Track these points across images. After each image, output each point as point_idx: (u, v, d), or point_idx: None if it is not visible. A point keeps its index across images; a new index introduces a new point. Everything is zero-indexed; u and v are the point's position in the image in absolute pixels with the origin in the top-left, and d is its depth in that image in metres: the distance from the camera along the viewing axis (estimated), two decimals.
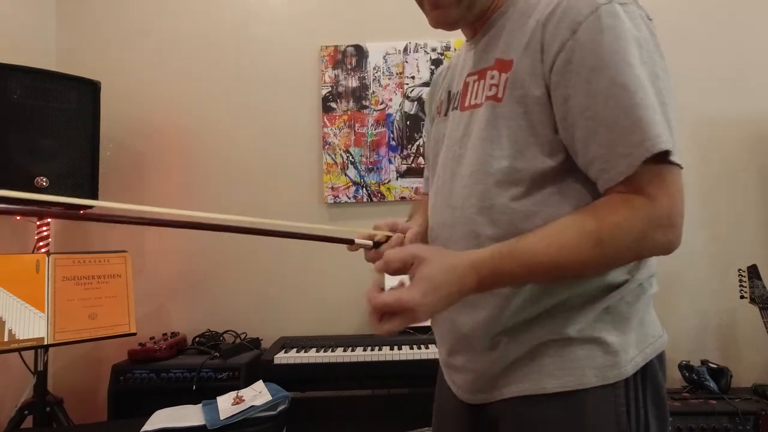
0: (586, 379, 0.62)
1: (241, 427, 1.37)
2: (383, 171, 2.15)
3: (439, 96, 0.87)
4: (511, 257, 0.58)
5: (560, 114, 0.60)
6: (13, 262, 1.59)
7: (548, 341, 0.64)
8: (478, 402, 0.72)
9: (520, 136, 0.64)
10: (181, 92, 2.20)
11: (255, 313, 2.11)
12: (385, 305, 0.57)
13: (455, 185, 0.72)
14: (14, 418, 1.62)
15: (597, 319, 0.64)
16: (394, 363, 1.67)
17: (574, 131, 0.59)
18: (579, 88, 0.58)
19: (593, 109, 0.57)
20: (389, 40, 2.19)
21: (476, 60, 0.73)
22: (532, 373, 0.65)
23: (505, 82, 0.65)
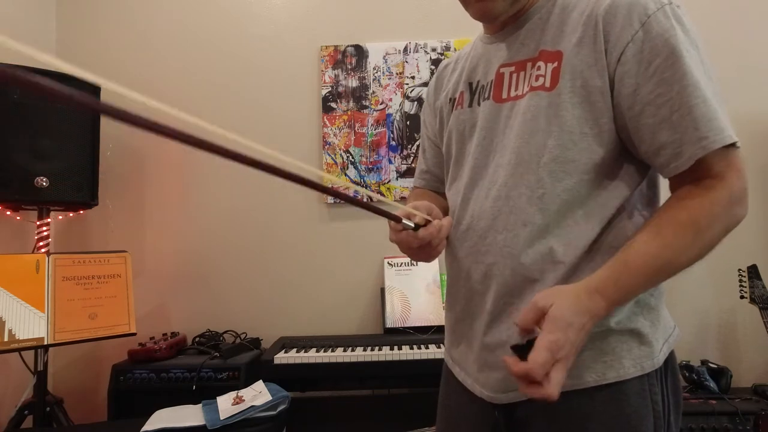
0: (625, 371, 0.64)
1: (241, 427, 1.37)
2: (383, 171, 2.15)
3: (451, 89, 0.85)
4: (628, 269, 0.59)
5: (626, 103, 0.62)
6: (13, 262, 1.59)
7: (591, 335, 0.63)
8: (507, 401, 0.69)
9: (574, 126, 0.64)
10: (181, 92, 2.20)
11: (255, 313, 2.11)
12: (529, 376, 0.54)
13: (498, 176, 0.71)
14: (14, 418, 1.62)
15: (632, 311, 0.66)
16: (394, 363, 1.66)
17: (641, 119, 0.61)
18: (650, 77, 0.60)
19: (666, 96, 0.59)
20: (389, 40, 2.19)
21: (512, 52, 0.73)
22: (571, 368, 0.61)
23: (554, 72, 0.66)
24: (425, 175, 0.98)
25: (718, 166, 0.59)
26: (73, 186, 1.78)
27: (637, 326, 0.65)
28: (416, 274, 2.02)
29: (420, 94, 2.17)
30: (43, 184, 1.69)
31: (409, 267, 2.03)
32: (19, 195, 1.68)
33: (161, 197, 2.17)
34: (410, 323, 1.92)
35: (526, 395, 0.62)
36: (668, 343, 0.69)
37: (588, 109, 0.64)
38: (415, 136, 2.17)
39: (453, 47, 2.17)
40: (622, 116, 0.63)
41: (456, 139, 0.82)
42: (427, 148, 0.98)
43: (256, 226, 2.16)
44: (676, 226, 0.60)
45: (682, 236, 0.59)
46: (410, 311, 1.95)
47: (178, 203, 2.17)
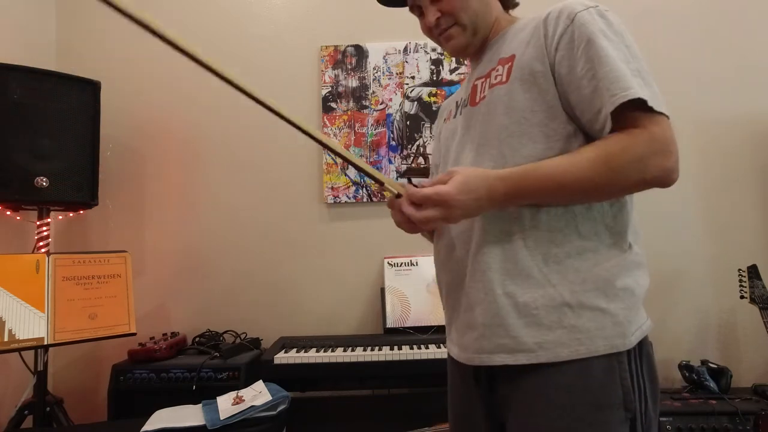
0: (596, 348, 0.70)
1: (241, 427, 1.37)
2: (383, 171, 2.15)
3: (447, 111, 1.00)
4: (534, 172, 0.71)
5: (566, 80, 0.73)
6: (13, 262, 1.59)
7: (564, 305, 0.72)
8: (480, 363, 0.77)
9: (526, 106, 0.76)
10: (181, 92, 2.20)
11: (255, 313, 2.11)
12: (423, 197, 0.70)
13: (471, 159, 0.82)
14: (14, 418, 1.62)
15: (612, 293, 0.72)
16: (394, 363, 1.66)
17: (580, 91, 0.72)
18: (579, 58, 0.72)
19: (593, 70, 0.70)
20: (389, 40, 2.19)
21: (482, 68, 0.87)
22: (548, 343, 0.71)
23: (509, 69, 0.79)
24: None
25: (639, 120, 0.68)
26: (73, 186, 1.78)
27: (609, 306, 0.72)
28: (416, 274, 2.02)
29: (420, 94, 2.17)
30: (43, 184, 1.69)
31: (409, 267, 2.03)
32: (19, 195, 1.68)
33: (161, 197, 2.17)
34: (410, 323, 1.93)
35: (501, 361, 0.74)
36: (641, 329, 0.74)
37: (536, 91, 0.75)
38: (415, 136, 2.17)
39: None
40: (566, 94, 0.74)
41: (443, 145, 0.95)
42: (434, 172, 1.09)
43: (256, 226, 2.16)
44: (591, 154, 0.69)
45: (593, 163, 0.68)
46: (410, 311, 1.95)
47: (177, 203, 2.17)
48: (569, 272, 0.73)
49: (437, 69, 2.18)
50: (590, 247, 0.74)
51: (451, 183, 0.69)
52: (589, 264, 0.73)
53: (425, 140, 2.16)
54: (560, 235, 0.74)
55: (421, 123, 2.16)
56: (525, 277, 0.74)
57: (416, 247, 2.07)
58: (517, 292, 0.74)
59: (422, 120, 2.16)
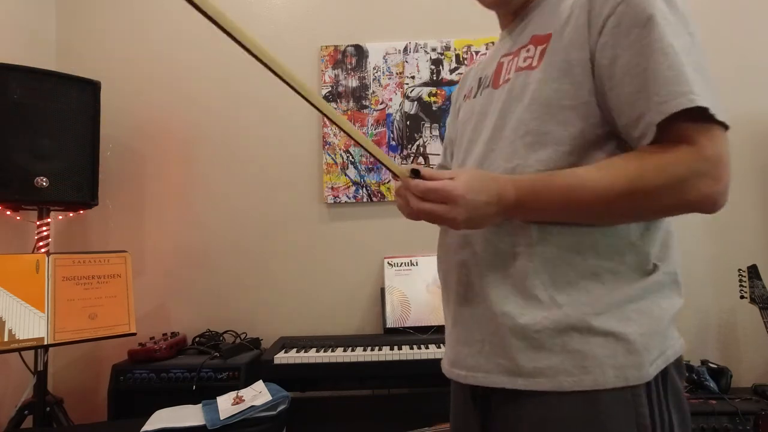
0: (605, 379, 0.60)
1: (241, 427, 1.37)
2: (383, 171, 2.15)
3: (468, 86, 0.89)
4: (551, 182, 0.61)
5: (606, 74, 0.61)
6: (13, 262, 1.59)
7: (569, 328, 0.62)
8: (478, 383, 0.68)
9: (553, 99, 0.65)
10: (181, 92, 2.20)
11: (255, 313, 2.11)
12: (428, 190, 0.60)
13: (481, 152, 0.73)
14: (14, 418, 1.62)
15: (624, 314, 0.62)
16: (394, 363, 1.66)
17: (621, 89, 0.60)
18: (628, 48, 0.59)
19: (642, 65, 0.58)
20: (389, 40, 2.19)
21: (512, 43, 0.76)
22: (548, 369, 0.62)
23: (542, 52, 0.68)
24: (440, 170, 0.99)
25: (688, 133, 0.56)
26: (73, 186, 1.78)
27: (624, 331, 0.61)
28: (416, 274, 2.02)
29: (420, 94, 2.17)
30: (43, 184, 1.69)
31: (409, 267, 2.03)
32: (19, 195, 1.68)
33: (161, 197, 2.17)
34: (410, 323, 1.92)
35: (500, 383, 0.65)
36: (665, 356, 0.63)
37: (568, 82, 0.64)
38: (415, 136, 2.17)
39: (453, 47, 2.17)
40: (603, 89, 0.62)
41: (460, 129, 0.85)
42: (448, 146, 0.99)
43: (256, 226, 2.16)
44: (620, 167, 0.59)
45: (621, 179, 0.58)
46: (410, 311, 1.95)
47: (177, 203, 2.17)
48: (581, 294, 0.63)
49: (437, 69, 2.18)
50: (609, 267, 0.63)
51: (459, 179, 0.60)
52: (606, 288, 0.62)
53: (425, 140, 2.16)
54: (573, 253, 0.64)
55: (421, 123, 2.16)
56: (527, 297, 0.64)
57: (416, 247, 2.07)
58: (515, 313, 0.64)
59: (422, 120, 2.16)
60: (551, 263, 0.64)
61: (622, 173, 0.58)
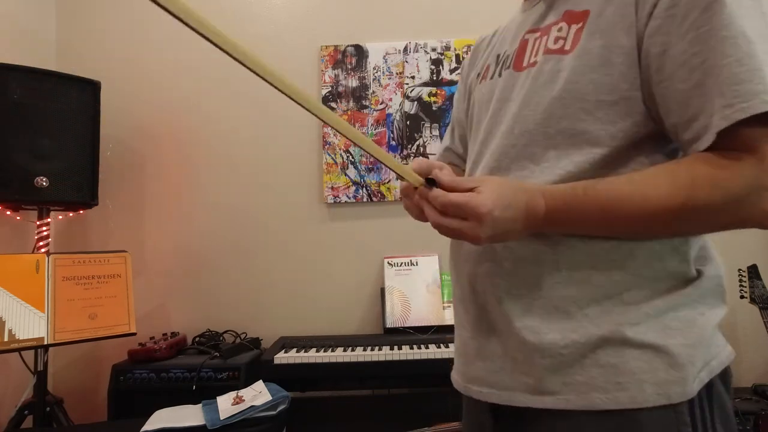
0: (644, 397, 0.53)
1: (241, 427, 1.37)
2: (383, 171, 2.15)
3: (482, 62, 0.79)
4: (587, 194, 0.52)
5: (656, 65, 0.52)
6: (13, 262, 1.59)
7: (602, 341, 0.55)
8: (500, 402, 0.61)
9: (589, 93, 0.56)
10: (181, 92, 2.20)
11: (255, 313, 2.11)
12: (451, 204, 0.52)
13: (500, 149, 0.64)
14: (14, 418, 1.62)
15: (664, 323, 0.55)
16: (394, 363, 1.66)
17: (672, 84, 0.51)
18: (685, 34, 0.50)
19: (702, 56, 0.49)
20: (389, 40, 2.19)
21: (539, 17, 0.66)
22: (579, 384, 0.55)
23: (577, 33, 0.58)
24: (446, 152, 0.91)
25: (753, 141, 0.47)
26: (73, 186, 1.78)
27: (665, 343, 0.53)
28: (416, 274, 2.02)
29: (420, 94, 2.17)
30: (43, 184, 1.69)
31: (409, 267, 2.03)
32: (19, 195, 1.68)
33: (161, 197, 2.17)
34: (410, 323, 1.92)
35: (525, 402, 0.58)
36: (709, 366, 0.55)
37: (607, 73, 0.55)
38: (415, 136, 2.17)
39: (453, 47, 2.17)
40: (650, 82, 0.53)
41: (476, 113, 0.76)
42: (456, 126, 0.89)
43: (256, 226, 2.16)
44: (670, 180, 0.50)
45: (670, 193, 0.50)
46: (410, 311, 1.95)
47: (177, 203, 2.17)
48: (616, 306, 0.55)
49: (437, 69, 2.18)
50: (649, 275, 0.55)
51: (486, 193, 0.51)
52: (643, 296, 0.55)
53: (425, 140, 2.16)
54: (606, 262, 0.56)
55: (421, 123, 2.16)
56: (553, 311, 0.57)
57: (416, 247, 2.07)
58: (541, 328, 0.57)
59: (422, 120, 2.16)
60: (582, 271, 0.57)
61: (670, 188, 0.50)
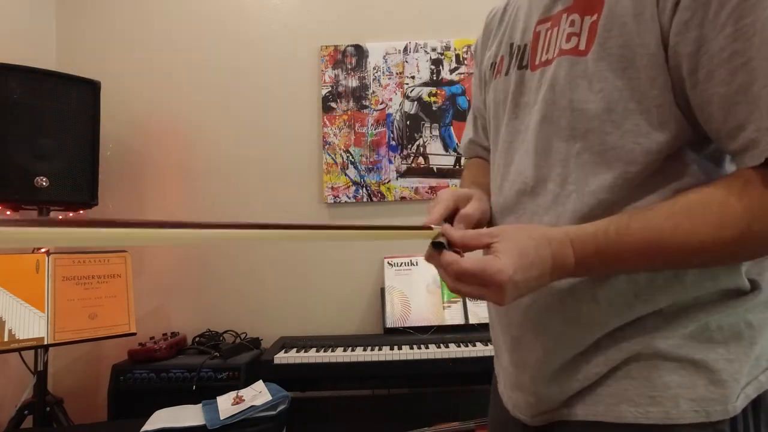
0: (679, 414, 0.48)
1: (241, 427, 1.37)
2: (383, 171, 2.15)
3: (495, 47, 0.71)
4: (620, 236, 0.46)
5: (688, 66, 0.45)
6: (13, 262, 1.59)
7: (636, 354, 0.51)
8: (536, 424, 0.60)
9: (616, 102, 0.49)
10: (181, 92, 2.20)
11: (255, 313, 2.11)
12: (466, 274, 0.47)
13: (527, 170, 0.59)
14: (14, 418, 1.62)
15: (704, 335, 0.50)
16: (394, 363, 1.66)
17: (708, 88, 0.44)
18: (721, 28, 0.42)
19: (745, 54, 0.41)
20: (389, 40, 2.19)
21: (549, 2, 0.58)
22: (608, 396, 0.52)
23: (592, 27, 0.50)
24: (471, 145, 0.85)
25: None
26: (73, 186, 1.78)
27: (705, 357, 0.49)
28: (416, 274, 2.02)
29: (420, 93, 2.17)
30: (43, 184, 1.69)
31: (409, 267, 2.03)
32: (19, 195, 1.68)
33: (161, 197, 2.17)
34: (410, 323, 1.92)
35: (558, 417, 0.57)
36: (757, 382, 0.50)
37: (632, 77, 0.48)
38: (415, 136, 2.17)
39: (453, 47, 2.17)
40: (682, 85, 0.46)
41: (492, 116, 0.69)
42: (477, 116, 0.82)
43: None
44: (720, 212, 0.43)
45: (722, 228, 0.43)
46: (410, 311, 1.95)
47: (177, 203, 2.17)
48: (652, 319, 0.51)
49: (437, 69, 2.18)
50: (698, 294, 0.50)
51: (505, 255, 0.46)
52: (684, 310, 0.50)
53: (425, 140, 2.16)
54: (650, 288, 0.51)
55: (421, 123, 2.16)
56: (587, 335, 0.54)
57: (416, 247, 2.07)
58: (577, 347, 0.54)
59: (422, 120, 2.16)
60: (620, 301, 0.52)
61: (722, 218, 0.43)
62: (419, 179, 2.14)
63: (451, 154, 2.15)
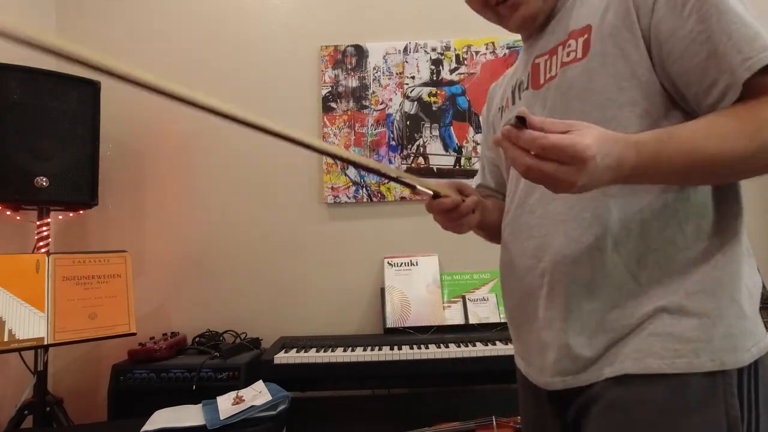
0: (699, 363, 0.57)
1: (241, 427, 1.37)
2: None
3: (499, 99, 0.88)
4: (671, 142, 0.55)
5: (667, 47, 0.60)
6: (13, 262, 1.59)
7: (660, 311, 0.60)
8: (561, 387, 0.67)
9: (611, 85, 0.64)
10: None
11: (255, 313, 2.11)
12: (554, 147, 0.50)
13: None
14: (14, 418, 1.62)
15: (724, 292, 0.60)
16: (394, 363, 1.66)
17: (686, 60, 0.58)
18: (687, 18, 0.58)
19: (707, 32, 0.57)
20: (389, 40, 2.19)
21: (543, 44, 0.74)
22: (635, 352, 0.60)
23: (585, 43, 0.66)
24: (479, 188, 1.00)
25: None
26: (73, 186, 1.78)
27: (724, 314, 0.58)
28: (416, 274, 2.02)
29: (420, 94, 2.17)
30: (43, 184, 1.69)
31: (409, 267, 2.03)
32: (19, 195, 1.68)
33: (161, 197, 2.17)
34: (410, 323, 1.92)
35: (584, 381, 0.64)
36: (759, 346, 0.60)
37: (622, 65, 0.63)
38: (415, 136, 2.17)
39: (453, 47, 2.17)
40: (665, 64, 0.61)
41: None
42: (486, 165, 0.99)
43: (256, 226, 2.16)
44: (736, 121, 0.54)
45: (742, 132, 0.54)
46: (410, 311, 1.95)
47: (177, 203, 2.17)
48: (674, 277, 0.60)
49: (437, 69, 2.18)
50: (709, 247, 0.61)
51: (589, 136, 0.51)
52: (704, 266, 0.60)
53: (425, 140, 2.16)
54: (661, 239, 0.61)
55: (421, 123, 2.16)
56: (614, 289, 0.62)
57: (416, 247, 2.08)
58: (603, 310, 0.63)
59: (422, 120, 2.16)
60: (637, 255, 0.62)
61: (742, 130, 0.54)
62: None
63: (451, 154, 2.15)
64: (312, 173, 2.18)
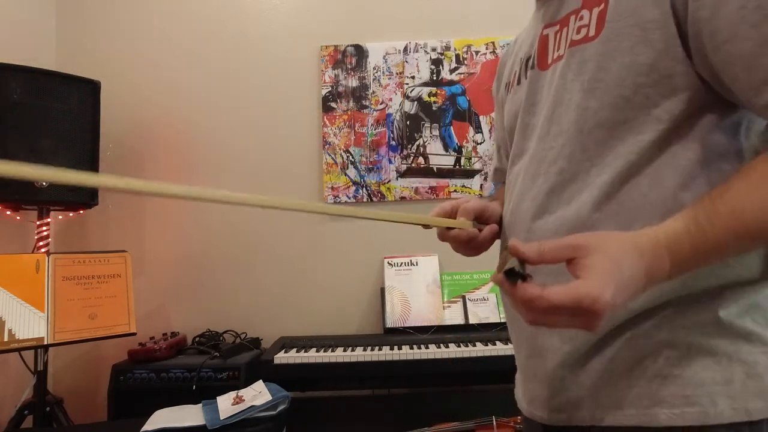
0: (717, 411, 0.46)
1: (241, 427, 1.37)
2: (383, 171, 2.15)
3: (509, 71, 0.76)
4: (713, 224, 0.43)
5: (708, 29, 0.46)
6: (13, 262, 1.59)
7: (663, 345, 0.49)
8: (554, 423, 0.57)
9: (625, 77, 0.51)
10: (180, 92, 2.20)
11: (255, 313, 2.11)
12: (558, 309, 0.41)
13: (541, 153, 0.60)
14: (14, 418, 1.62)
15: (738, 324, 0.47)
16: (394, 363, 1.66)
17: (732, 47, 0.44)
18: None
19: (764, 8, 0.42)
20: (389, 40, 2.19)
21: (555, 10, 0.62)
22: (638, 398, 0.49)
23: (600, 15, 0.53)
24: (497, 173, 0.89)
25: None
26: (72, 186, 1.78)
27: (741, 350, 0.46)
28: (416, 274, 2.02)
29: (420, 93, 2.17)
30: (43, 184, 1.69)
31: (409, 267, 2.03)
32: (19, 195, 1.68)
33: (161, 197, 2.17)
34: (410, 323, 1.92)
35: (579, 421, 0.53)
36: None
37: (641, 53, 0.50)
38: (415, 136, 2.17)
39: (453, 47, 2.17)
40: (703, 51, 0.47)
41: (508, 124, 0.72)
42: (500, 146, 0.86)
43: (256, 226, 2.16)
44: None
45: None
46: (410, 311, 1.95)
47: (177, 203, 2.17)
48: (681, 306, 0.49)
49: (437, 69, 2.18)
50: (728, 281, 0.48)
51: (597, 278, 0.41)
52: (717, 294, 0.48)
53: (425, 140, 2.16)
54: None
55: (421, 123, 2.16)
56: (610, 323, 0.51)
57: (416, 247, 2.08)
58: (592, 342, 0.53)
59: (422, 120, 2.16)
60: None
61: None
62: (419, 179, 2.14)
63: (451, 154, 2.15)
64: (312, 173, 2.18)
